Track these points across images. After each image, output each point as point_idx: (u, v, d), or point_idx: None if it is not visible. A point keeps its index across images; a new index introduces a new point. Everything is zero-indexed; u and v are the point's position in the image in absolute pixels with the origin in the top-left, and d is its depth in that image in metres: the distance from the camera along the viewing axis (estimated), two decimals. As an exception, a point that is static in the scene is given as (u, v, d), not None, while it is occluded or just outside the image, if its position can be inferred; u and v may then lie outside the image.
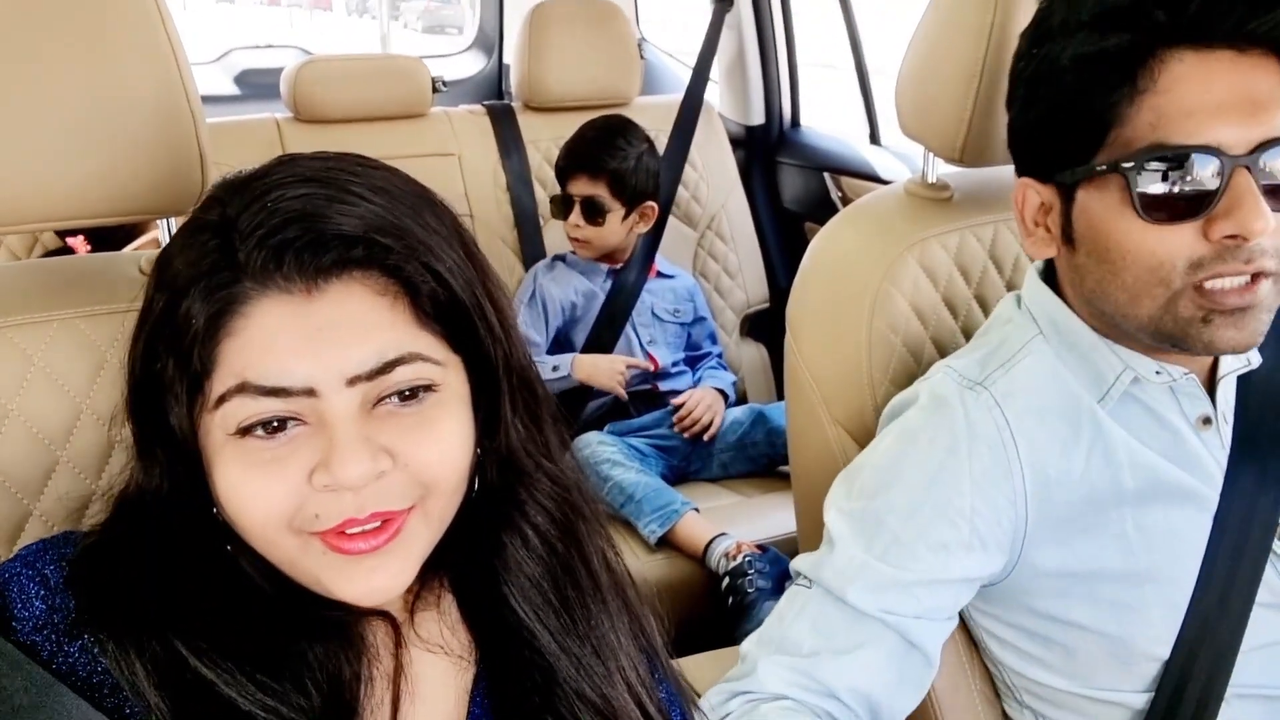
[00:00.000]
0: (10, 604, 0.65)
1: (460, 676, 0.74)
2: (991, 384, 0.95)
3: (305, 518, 0.63)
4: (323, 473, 0.62)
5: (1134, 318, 0.88)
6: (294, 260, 0.61)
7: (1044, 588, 0.95)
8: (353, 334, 0.62)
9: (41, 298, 0.88)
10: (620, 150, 2.11)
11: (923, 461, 0.93)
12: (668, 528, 1.84)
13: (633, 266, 2.20)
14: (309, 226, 0.61)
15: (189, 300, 0.62)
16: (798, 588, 0.96)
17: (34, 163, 0.84)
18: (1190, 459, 0.94)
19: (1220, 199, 0.81)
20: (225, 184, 0.67)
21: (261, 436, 0.62)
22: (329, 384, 0.61)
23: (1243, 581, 0.92)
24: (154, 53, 0.87)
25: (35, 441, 0.84)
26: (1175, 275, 0.83)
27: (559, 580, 0.74)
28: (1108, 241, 0.87)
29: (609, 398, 2.13)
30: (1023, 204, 0.95)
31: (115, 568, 0.66)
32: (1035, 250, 0.96)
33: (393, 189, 0.66)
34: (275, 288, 0.61)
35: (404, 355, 0.63)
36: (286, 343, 0.61)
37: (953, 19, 1.11)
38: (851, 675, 0.91)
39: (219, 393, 0.62)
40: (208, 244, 0.63)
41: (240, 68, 3.25)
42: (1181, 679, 0.92)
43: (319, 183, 0.63)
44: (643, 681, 0.76)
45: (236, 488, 0.63)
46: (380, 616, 0.72)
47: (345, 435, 0.61)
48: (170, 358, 0.63)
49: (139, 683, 0.62)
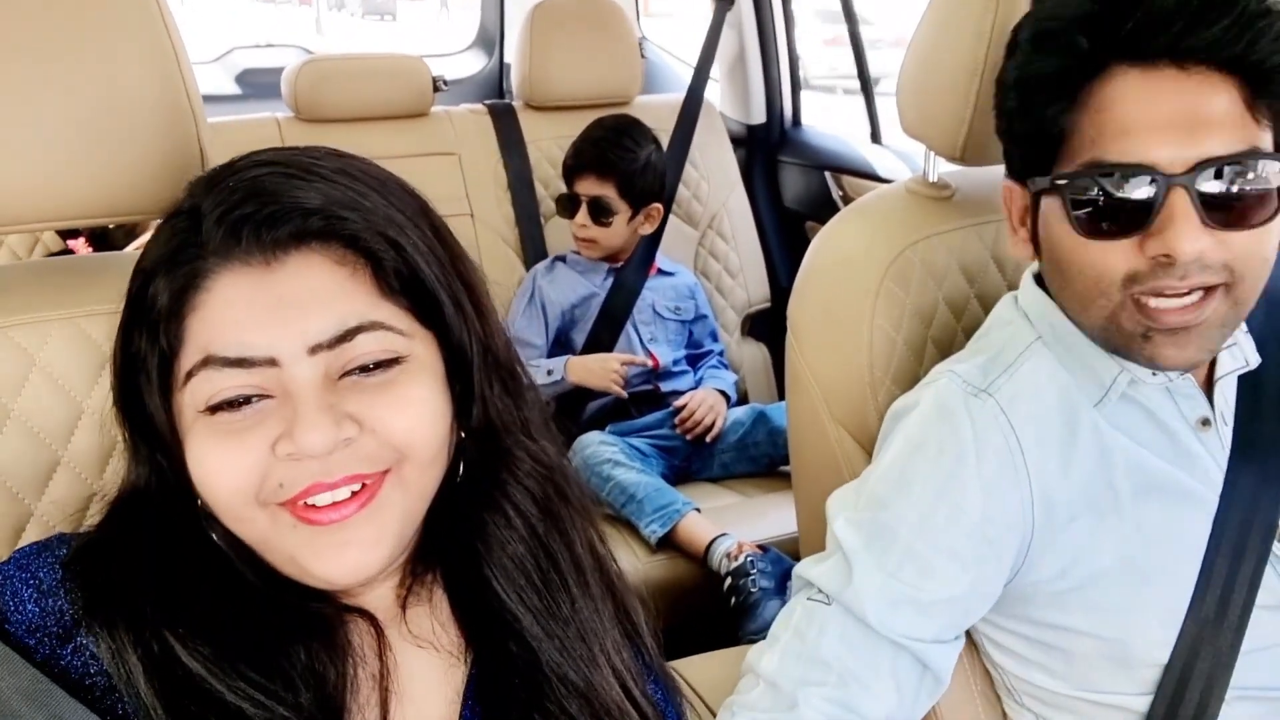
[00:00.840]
0: (3, 607, 0.65)
1: (452, 677, 0.74)
2: (996, 390, 0.94)
3: (270, 488, 0.63)
4: (286, 441, 0.62)
5: (1087, 325, 0.91)
6: (252, 233, 0.63)
7: (1043, 593, 0.94)
8: (313, 303, 0.63)
9: (42, 297, 0.88)
10: (629, 151, 2.11)
11: (931, 472, 0.93)
12: (669, 528, 1.84)
13: (633, 265, 2.20)
14: (266, 201, 0.63)
15: (156, 281, 0.64)
16: (815, 604, 0.94)
17: (35, 163, 0.84)
18: (1189, 461, 0.94)
19: (1155, 218, 0.81)
20: (198, 178, 0.69)
21: (230, 413, 0.63)
22: (291, 353, 0.62)
23: (1242, 584, 0.92)
24: (155, 52, 0.87)
25: (36, 441, 0.84)
26: (1113, 288, 0.85)
27: (540, 561, 0.74)
28: (1058, 251, 0.89)
29: (609, 398, 2.13)
30: (1009, 204, 0.97)
31: (109, 564, 0.66)
32: (1015, 251, 0.98)
33: (356, 173, 0.67)
34: (236, 260, 0.63)
35: (365, 323, 0.64)
36: (247, 313, 0.62)
37: (953, 18, 1.11)
38: (883, 704, 0.91)
39: (186, 368, 0.63)
40: (176, 228, 0.65)
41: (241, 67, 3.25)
42: (1181, 681, 0.92)
43: (280, 165, 0.65)
44: (627, 666, 0.76)
45: (203, 462, 0.64)
46: (363, 617, 0.71)
47: (307, 403, 0.62)
48: (142, 339, 0.65)
49: (134, 679, 0.62)
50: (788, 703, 0.91)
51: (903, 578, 0.91)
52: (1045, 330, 0.97)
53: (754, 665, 0.95)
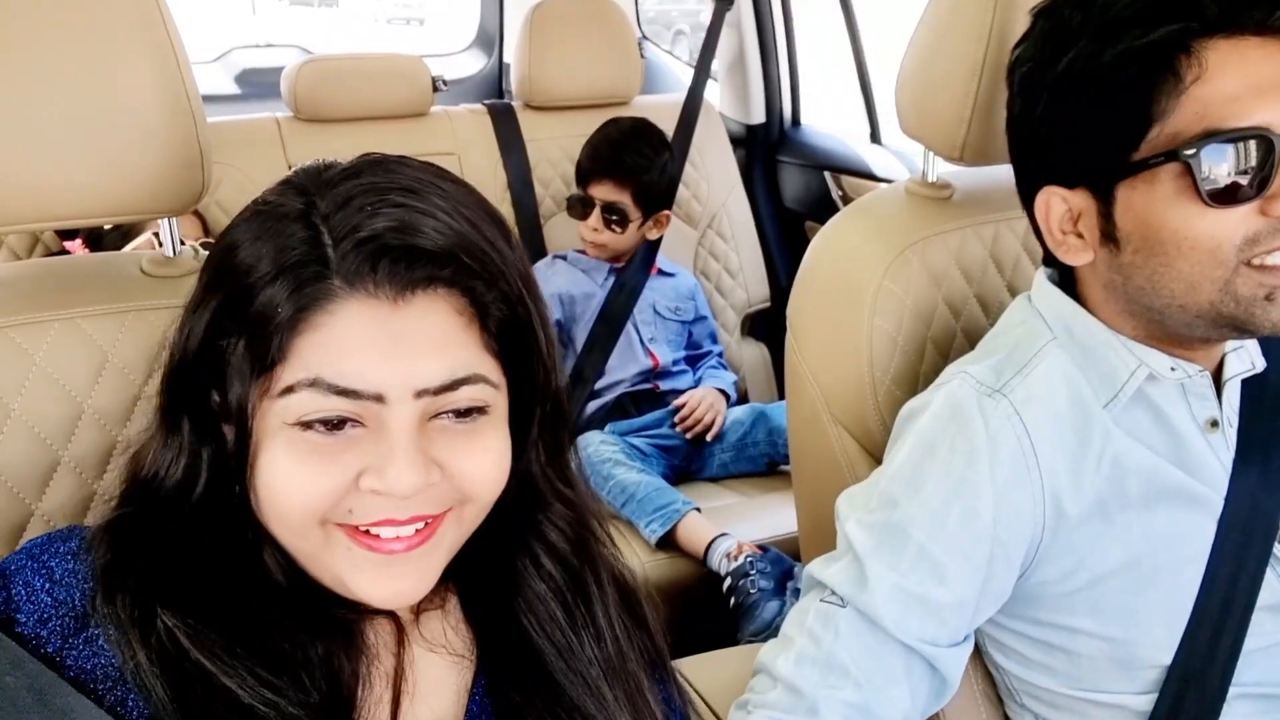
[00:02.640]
0: (15, 596, 0.65)
1: (460, 674, 0.75)
2: (1010, 391, 0.94)
3: (339, 512, 0.64)
4: (375, 477, 0.63)
5: (1192, 306, 0.87)
6: (387, 268, 0.62)
7: (1049, 594, 0.94)
8: (429, 348, 0.63)
9: (43, 297, 0.88)
10: (647, 159, 2.11)
11: (944, 473, 0.92)
12: (669, 528, 1.84)
13: (635, 265, 2.20)
14: (405, 238, 0.62)
15: (273, 288, 0.62)
16: (829, 606, 0.94)
17: (35, 162, 0.84)
18: (1196, 462, 0.94)
19: (1276, 177, 0.82)
20: (308, 175, 0.67)
21: (321, 432, 0.63)
22: (398, 393, 0.62)
23: (1244, 584, 0.92)
24: (155, 52, 0.87)
25: (37, 441, 0.84)
26: (1230, 255, 0.84)
27: (568, 601, 0.75)
28: (1162, 233, 0.86)
29: (609, 398, 2.13)
30: (1047, 214, 0.93)
31: (128, 552, 0.66)
32: (1069, 257, 0.94)
33: (472, 209, 0.67)
34: (364, 291, 0.62)
35: (470, 375, 0.64)
36: (366, 348, 0.62)
37: (953, 18, 1.11)
38: (899, 708, 0.91)
39: (288, 383, 0.62)
40: (294, 234, 0.63)
41: (240, 67, 3.25)
42: (1184, 681, 0.92)
43: (414, 194, 0.64)
44: (646, 702, 0.77)
45: (284, 476, 0.63)
46: (386, 616, 0.72)
47: (404, 446, 0.62)
48: (243, 339, 0.63)
49: (141, 669, 0.62)
50: (808, 706, 0.90)
51: (915, 579, 0.91)
52: (1060, 330, 0.96)
53: (769, 666, 0.95)
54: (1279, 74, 0.82)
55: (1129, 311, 0.93)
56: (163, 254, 0.95)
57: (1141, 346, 0.93)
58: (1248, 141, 0.82)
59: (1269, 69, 0.82)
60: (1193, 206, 0.84)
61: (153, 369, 0.87)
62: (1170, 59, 0.83)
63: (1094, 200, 0.90)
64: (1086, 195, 0.90)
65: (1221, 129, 0.82)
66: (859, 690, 0.90)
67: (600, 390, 2.13)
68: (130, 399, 0.87)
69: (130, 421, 0.86)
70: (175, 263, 0.94)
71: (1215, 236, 0.84)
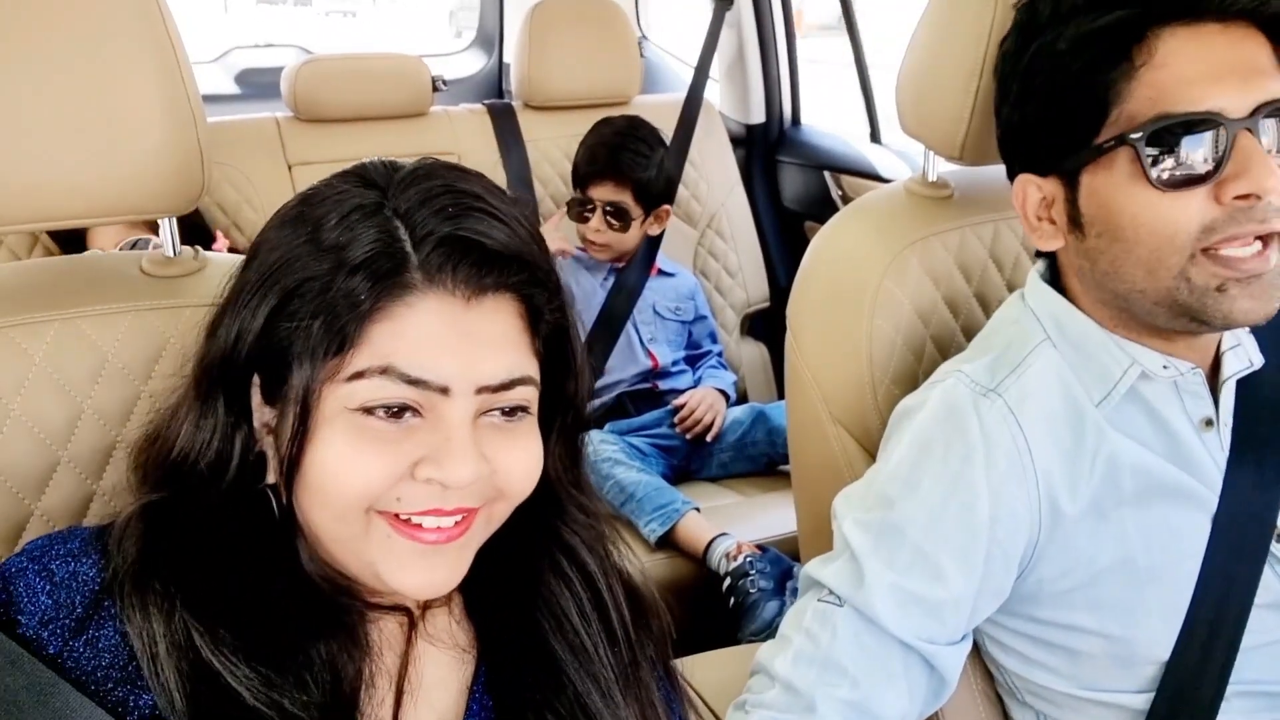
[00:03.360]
0: (16, 598, 0.66)
1: (461, 670, 0.76)
2: (1004, 390, 0.94)
3: (387, 500, 0.66)
4: (432, 467, 0.65)
5: (1151, 292, 0.88)
6: (466, 270, 0.65)
7: (1047, 592, 0.95)
8: (493, 348, 0.67)
9: (42, 297, 0.88)
10: (644, 156, 2.11)
11: (940, 471, 0.93)
12: (669, 527, 1.84)
13: (635, 265, 2.20)
14: (482, 242, 0.65)
15: (355, 279, 0.64)
16: (827, 605, 0.94)
17: (34, 162, 0.84)
18: (1191, 461, 0.94)
19: (1228, 162, 0.82)
20: (378, 170, 0.70)
21: (382, 418, 0.65)
22: (461, 387, 0.65)
23: (1241, 582, 0.92)
24: (155, 52, 0.87)
25: (36, 441, 0.84)
26: (1188, 241, 0.84)
27: (585, 607, 0.77)
28: (1120, 218, 0.87)
29: (609, 397, 2.13)
30: (1024, 201, 0.96)
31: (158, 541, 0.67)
32: (1043, 243, 0.96)
33: (529, 222, 0.71)
34: (442, 289, 0.65)
35: (524, 376, 0.68)
36: (438, 342, 0.65)
37: (952, 17, 1.11)
38: (897, 706, 0.92)
39: (359, 368, 0.64)
40: (371, 226, 0.66)
41: (240, 67, 3.25)
42: (1182, 679, 0.92)
43: (486, 201, 0.68)
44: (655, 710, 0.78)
45: (342, 459, 0.65)
46: (400, 612, 0.73)
47: (462, 439, 0.65)
48: (317, 322, 0.65)
49: (159, 662, 0.63)
50: (805, 705, 0.91)
51: (913, 578, 0.91)
52: (1051, 327, 0.97)
53: (767, 666, 0.95)
54: (1237, 60, 0.83)
55: (1102, 300, 0.94)
56: (162, 254, 0.95)
57: (1133, 345, 0.93)
58: (1198, 126, 0.82)
59: (1226, 54, 0.83)
60: (1148, 192, 0.85)
61: (152, 369, 0.87)
62: (1124, 44, 0.84)
63: (1063, 187, 0.92)
64: (1057, 182, 0.93)
65: (1173, 113, 0.83)
66: (856, 689, 0.90)
67: (599, 390, 2.13)
68: (130, 399, 0.87)
69: (130, 421, 0.86)
70: (175, 263, 0.94)
71: (1171, 223, 0.84)
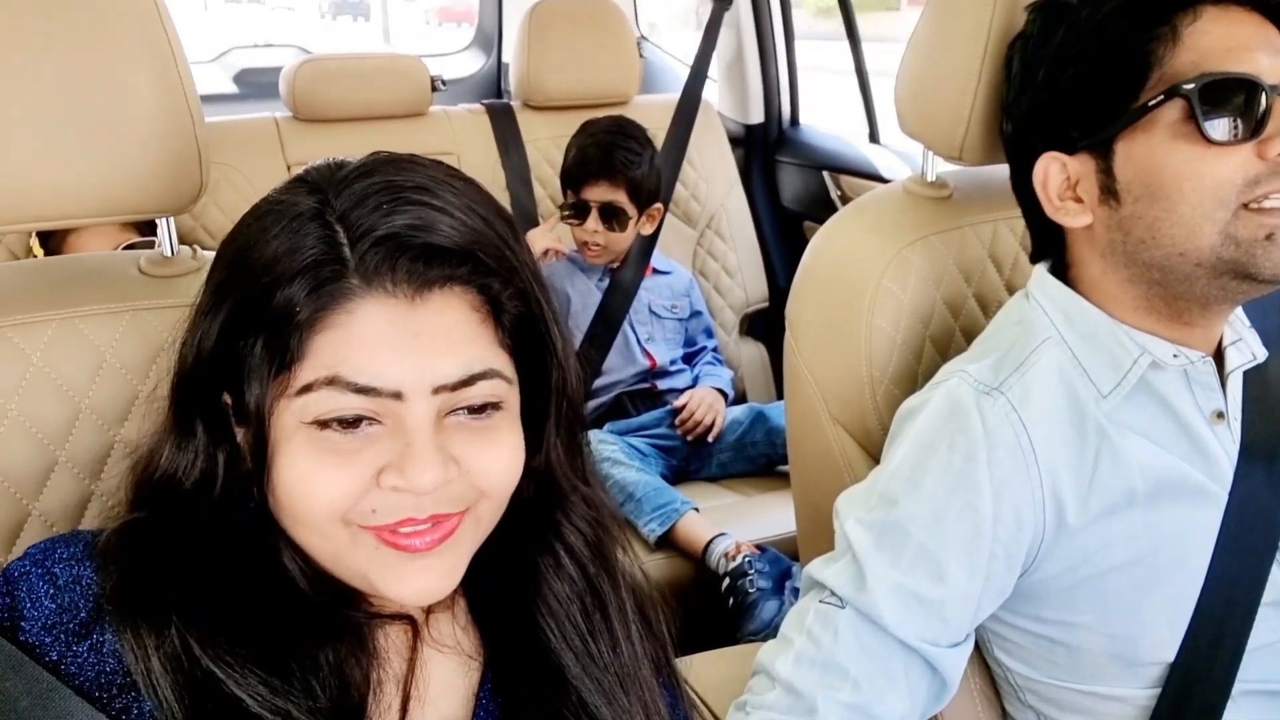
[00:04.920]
0: (19, 603, 0.65)
1: (467, 676, 0.75)
2: (1008, 389, 0.94)
3: (361, 512, 0.64)
4: (395, 474, 0.63)
5: (1192, 252, 0.88)
6: (405, 267, 0.62)
7: (1050, 591, 0.94)
8: (446, 345, 0.64)
9: (40, 297, 0.88)
10: (635, 154, 2.11)
11: (943, 471, 0.92)
12: (668, 527, 1.84)
13: (630, 265, 2.19)
14: (422, 236, 0.63)
15: (291, 288, 0.62)
16: (828, 606, 0.94)
17: (32, 161, 0.83)
18: (1203, 454, 0.94)
19: (1269, 121, 0.85)
20: (320, 173, 0.68)
21: (338, 431, 0.63)
22: (416, 390, 0.63)
23: (1248, 581, 0.92)
24: (153, 52, 0.87)
25: (34, 442, 0.84)
26: (1231, 195, 0.86)
27: (587, 605, 0.75)
28: (1162, 175, 0.88)
29: (607, 397, 2.13)
30: (1045, 181, 0.96)
31: (140, 555, 0.66)
32: (1069, 220, 0.96)
33: (484, 207, 0.67)
34: (382, 290, 0.62)
35: (487, 370, 0.65)
36: (384, 346, 0.62)
37: (952, 17, 1.11)
38: (898, 709, 0.91)
39: (305, 381, 0.62)
40: (310, 233, 0.63)
41: (239, 67, 3.25)
42: (1187, 677, 0.92)
43: (428, 192, 0.65)
44: (657, 705, 0.77)
45: (304, 477, 0.63)
46: (403, 620, 0.72)
47: (423, 443, 0.63)
48: (259, 339, 0.63)
49: (154, 676, 0.62)
50: (806, 707, 0.90)
51: (916, 578, 0.91)
52: (1060, 320, 0.97)
53: (768, 667, 0.95)
54: (1262, 39, 0.88)
55: (1129, 278, 0.93)
56: (160, 254, 0.95)
57: (1142, 334, 0.93)
58: (1241, 84, 0.85)
59: (1254, 33, 0.87)
60: (1192, 148, 0.87)
61: (150, 369, 0.87)
62: (1167, 11, 0.88)
63: (1093, 160, 0.93)
64: (1085, 158, 0.93)
65: (1217, 71, 0.86)
66: (857, 691, 0.90)
67: (598, 390, 2.13)
68: (128, 399, 0.87)
69: (128, 421, 0.86)
70: (173, 262, 0.94)
71: (1215, 176, 0.86)
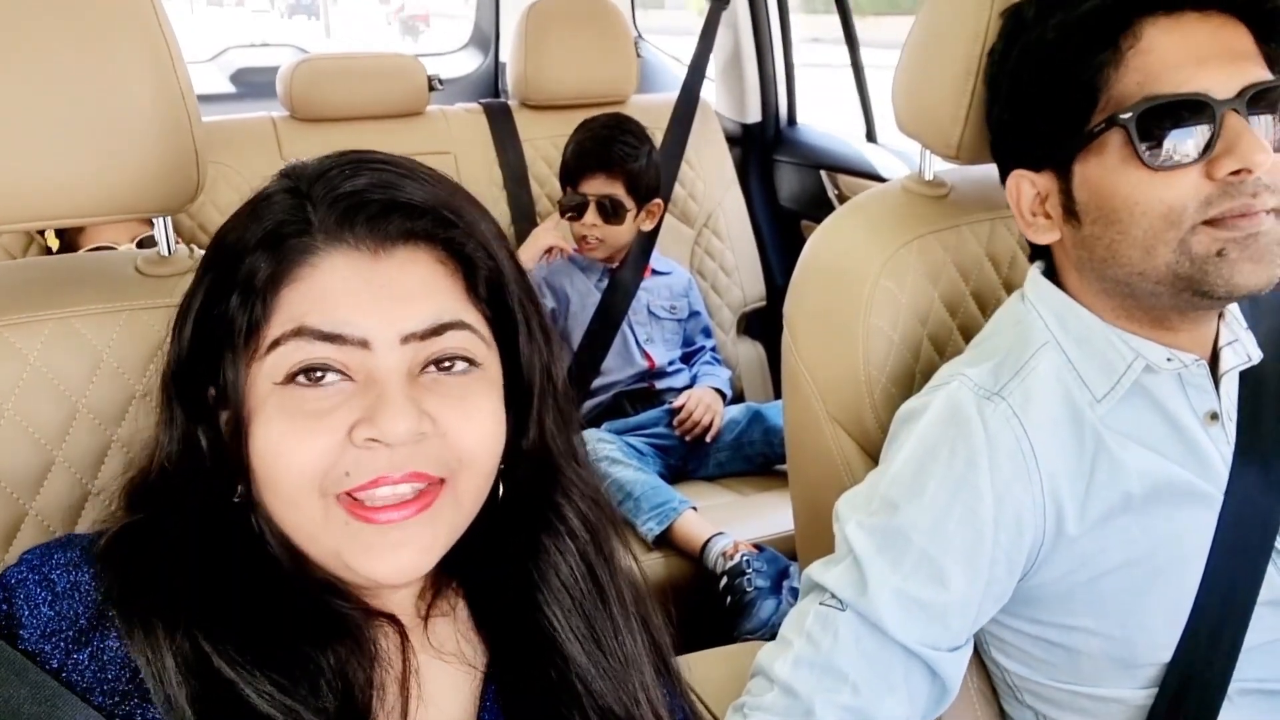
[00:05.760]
0: (17, 610, 0.64)
1: (470, 680, 0.74)
2: (1008, 394, 0.94)
3: (336, 476, 0.64)
4: (367, 426, 0.63)
5: (1150, 271, 0.88)
6: (365, 222, 0.64)
7: (1048, 594, 0.94)
8: (413, 295, 0.65)
9: (36, 297, 0.88)
10: (633, 148, 2.12)
11: (944, 476, 0.92)
12: (665, 526, 1.84)
13: (629, 265, 2.19)
14: (382, 194, 0.65)
15: (257, 252, 0.64)
16: (829, 609, 0.93)
17: (29, 161, 0.83)
18: (1197, 457, 0.94)
19: (1218, 140, 0.84)
20: (292, 168, 0.70)
21: (305, 384, 0.63)
22: (384, 339, 0.64)
23: (1245, 581, 0.92)
24: (150, 52, 0.86)
25: (31, 442, 0.83)
26: (1184, 217, 0.86)
27: (588, 586, 0.75)
28: (1113, 200, 0.88)
29: (606, 397, 2.13)
30: (1018, 197, 0.97)
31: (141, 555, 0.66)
32: (1038, 237, 0.97)
33: (449, 186, 0.70)
34: (344, 244, 0.64)
35: (456, 321, 0.66)
36: (349, 295, 0.64)
37: (948, 17, 1.11)
38: (897, 713, 0.91)
39: (274, 337, 0.64)
40: (276, 204, 0.66)
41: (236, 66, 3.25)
42: (1184, 677, 0.92)
43: (392, 164, 0.67)
44: (658, 697, 0.77)
45: (277, 440, 0.64)
46: (389, 621, 0.71)
47: (393, 391, 0.63)
48: (230, 303, 0.65)
49: (166, 677, 0.62)
50: (804, 709, 0.90)
51: (917, 582, 0.91)
52: (1054, 323, 0.97)
53: (767, 669, 0.94)
54: (1219, 46, 0.86)
55: (1103, 290, 0.94)
56: (157, 253, 0.95)
57: (1135, 338, 0.93)
58: (1187, 106, 0.84)
59: (1209, 40, 0.86)
60: (1139, 172, 0.86)
61: (147, 369, 0.87)
62: (1110, 31, 0.87)
63: (1056, 179, 0.94)
64: (1050, 176, 0.94)
65: (1160, 94, 0.85)
66: (856, 695, 0.90)
67: (596, 390, 2.13)
68: (125, 399, 0.86)
69: (125, 421, 0.86)
70: (170, 262, 0.94)
71: (1165, 200, 0.86)
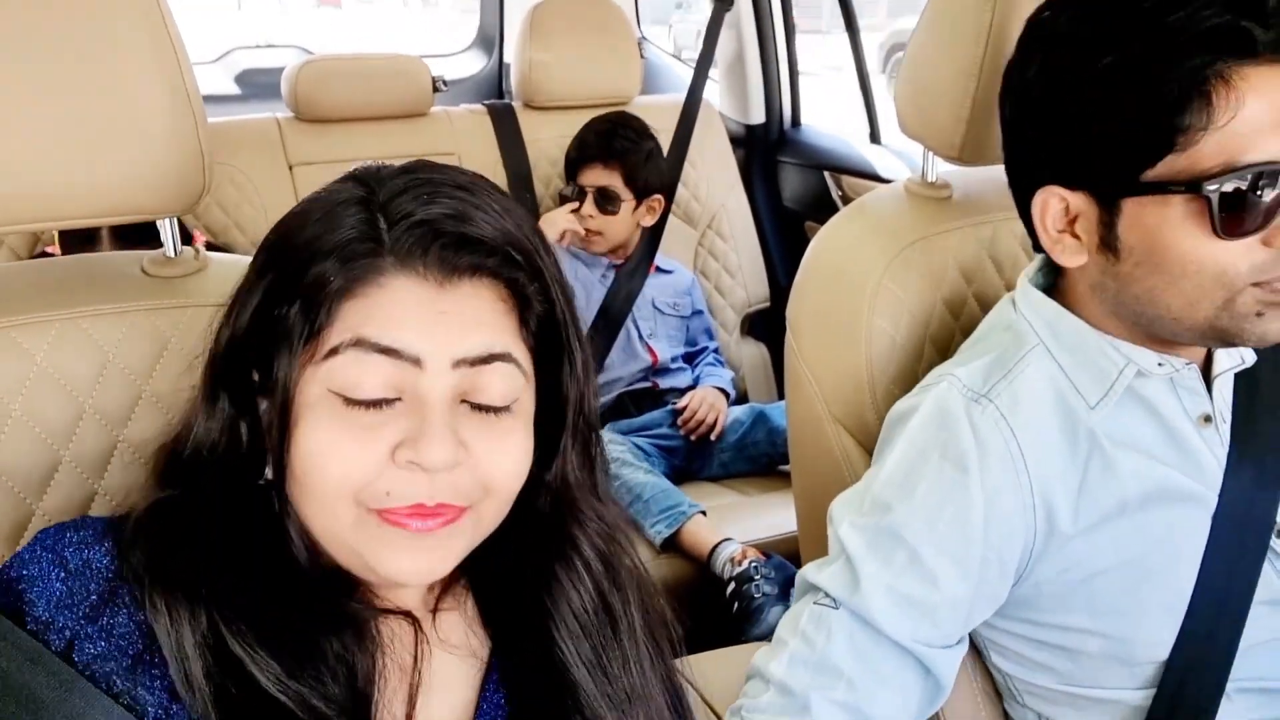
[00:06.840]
0: (29, 586, 0.66)
1: (473, 670, 0.76)
2: (996, 396, 0.94)
3: (375, 493, 0.65)
4: (409, 449, 0.64)
5: (1187, 320, 0.87)
6: (438, 252, 0.66)
7: (1043, 595, 0.95)
8: (470, 324, 0.66)
9: (44, 297, 0.88)
10: (632, 141, 2.16)
11: (935, 477, 0.93)
12: (674, 529, 1.84)
13: (634, 263, 2.21)
14: (457, 226, 0.66)
15: (328, 262, 0.65)
16: (822, 608, 0.94)
17: (36, 162, 0.84)
18: (1191, 459, 0.94)
19: None
20: (366, 172, 0.71)
21: (360, 409, 0.65)
22: (436, 361, 0.65)
23: (1241, 580, 0.92)
24: (156, 53, 0.87)
25: (38, 441, 0.84)
26: (1238, 280, 0.84)
27: (601, 621, 0.76)
28: (1168, 254, 0.86)
29: (609, 396, 2.14)
30: (1044, 213, 0.92)
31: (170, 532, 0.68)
32: (1065, 260, 0.93)
33: (518, 214, 0.70)
34: (414, 271, 0.65)
35: (505, 353, 0.67)
36: (410, 318, 0.65)
37: (951, 18, 1.11)
38: (891, 708, 0.92)
39: (332, 344, 0.65)
40: (351, 216, 0.67)
41: (241, 67, 3.25)
42: (1182, 676, 0.93)
43: (467, 190, 0.68)
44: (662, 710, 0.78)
45: (324, 446, 0.65)
46: (403, 615, 0.73)
47: (438, 418, 0.65)
48: (294, 307, 0.66)
49: (183, 651, 0.63)
50: (800, 706, 0.91)
51: (908, 581, 0.91)
52: (1044, 332, 0.97)
53: (762, 669, 0.95)
54: None
55: (1115, 314, 0.93)
56: (163, 254, 0.95)
57: (1127, 344, 0.93)
58: (1263, 175, 0.81)
59: None
60: (1202, 234, 0.84)
61: (154, 369, 0.88)
62: (1207, 87, 0.81)
63: (1095, 206, 0.89)
64: (1088, 199, 0.89)
65: (1239, 164, 0.81)
66: (851, 691, 0.90)
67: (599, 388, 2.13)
68: (132, 399, 0.87)
69: (131, 422, 0.87)
70: (177, 263, 0.94)
71: (1221, 263, 0.84)
